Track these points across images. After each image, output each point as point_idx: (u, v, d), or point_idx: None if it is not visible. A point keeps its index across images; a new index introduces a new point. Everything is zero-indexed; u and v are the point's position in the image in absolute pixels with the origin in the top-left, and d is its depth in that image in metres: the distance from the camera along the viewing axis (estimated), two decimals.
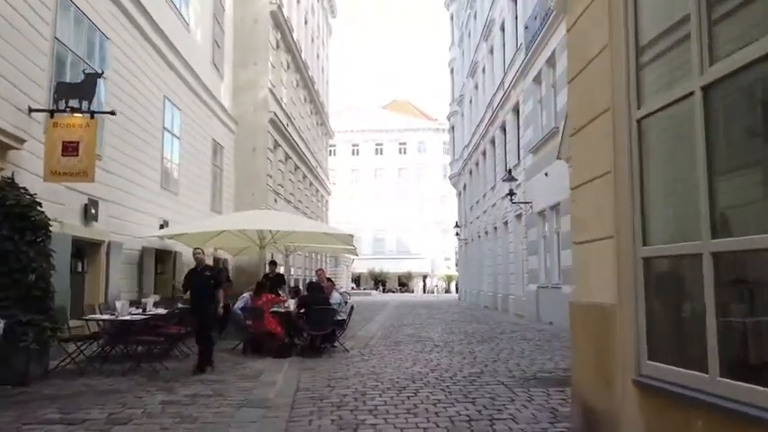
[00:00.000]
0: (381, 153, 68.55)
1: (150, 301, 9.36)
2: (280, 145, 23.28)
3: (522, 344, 11.47)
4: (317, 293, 10.25)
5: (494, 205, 24.66)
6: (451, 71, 38.54)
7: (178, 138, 15.03)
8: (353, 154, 68.74)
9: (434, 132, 68.17)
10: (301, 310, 9.97)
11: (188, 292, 8.80)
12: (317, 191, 34.55)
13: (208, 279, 8.39)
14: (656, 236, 3.51)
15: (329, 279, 12.35)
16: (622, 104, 3.70)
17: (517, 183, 18.04)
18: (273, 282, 12.05)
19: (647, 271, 3.51)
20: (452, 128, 38.58)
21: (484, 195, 27.56)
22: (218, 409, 5.76)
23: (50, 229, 7.61)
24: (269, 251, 18.82)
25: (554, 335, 12.96)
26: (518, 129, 20.65)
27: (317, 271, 13.53)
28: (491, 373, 7.95)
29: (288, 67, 25.32)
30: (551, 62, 15.94)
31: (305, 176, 29.86)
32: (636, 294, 3.55)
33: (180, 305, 10.79)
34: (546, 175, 16.02)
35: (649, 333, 3.46)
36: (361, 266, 62.73)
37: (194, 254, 8.78)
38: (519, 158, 19.93)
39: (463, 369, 8.29)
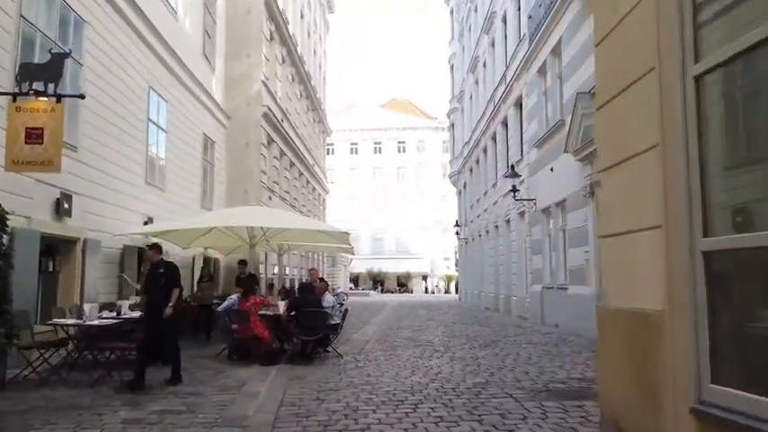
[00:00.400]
0: (380, 152, 67.86)
1: (126, 303, 8.60)
2: (274, 140, 22.53)
3: (527, 349, 10.71)
4: (307, 295, 9.50)
5: (495, 203, 23.91)
6: (451, 67, 37.80)
7: (165, 130, 14.27)
8: (352, 153, 68.05)
9: (434, 131, 67.48)
10: (291, 313, 9.22)
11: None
12: (314, 189, 33.81)
13: (159, 277, 7.29)
14: (721, 224, 2.76)
15: (322, 279, 11.58)
16: (674, 60, 2.95)
17: (520, 179, 17.30)
18: (246, 283, 11.10)
19: (709, 268, 2.75)
20: (452, 125, 37.84)
21: (485, 193, 26.81)
22: (187, 429, 5.01)
23: (8, 223, 6.85)
24: (261, 250, 18.10)
25: (561, 339, 12.21)
26: (521, 123, 19.90)
27: (309, 270, 12.74)
28: (497, 383, 7.19)
29: (283, 61, 24.57)
30: (557, 51, 15.19)
31: (301, 174, 29.11)
32: (694, 298, 2.79)
33: None
34: (551, 170, 15.27)
35: (713, 348, 2.71)
36: (359, 266, 62.02)
37: (147, 250, 7.82)
38: (522, 154, 19.19)
39: (466, 378, 7.54)
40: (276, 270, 22.94)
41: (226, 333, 9.58)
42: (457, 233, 34.18)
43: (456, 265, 66.72)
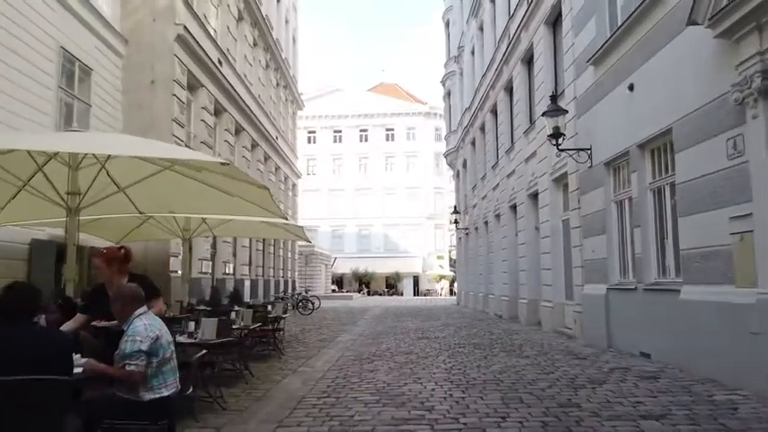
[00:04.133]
0: (366, 140, 61.31)
1: None
2: (203, 85, 16.06)
3: None
4: (21, 323, 2.96)
5: (511, 175, 17.59)
6: (447, 24, 31.46)
7: None
8: (335, 141, 61.58)
9: (425, 117, 61.12)
10: None
11: None
12: (278, 168, 27.30)
13: None
14: None
15: (141, 277, 4.62)
16: None
17: (565, 118, 10.88)
18: None
19: None
20: (448, 94, 31.46)
21: (493, 166, 20.48)
22: None
23: None
24: (172, 238, 11.59)
25: (708, 401, 5.83)
26: (554, 47, 13.64)
27: (94, 256, 5.23)
28: None
29: None
30: None
31: (255, 145, 22.60)
32: None
33: None
34: (630, 89, 8.93)
35: None
36: (343, 266, 55.55)
37: None
38: (558, 88, 12.80)
39: None
40: (211, 268, 16.45)
41: None
42: (455, 222, 27.65)
43: (451, 265, 60.37)
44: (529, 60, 15.76)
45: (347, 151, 60.76)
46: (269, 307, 10.37)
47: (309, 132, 60.98)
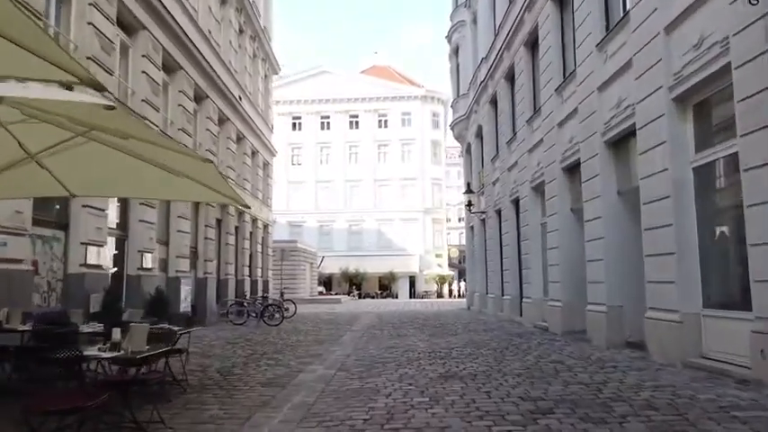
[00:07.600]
0: (357, 126, 55.54)
1: None
2: None
3: None
4: None
5: (565, 122, 11.96)
6: None
7: None
8: (323, 128, 55.73)
9: (422, 101, 55.48)
10: None
11: None
12: (242, 138, 21.44)
13: None
14: None
15: None
16: None
17: None
18: None
19: None
20: (456, 50, 25.70)
21: (530, 119, 14.79)
22: None
23: None
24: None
25: None
26: None
27: None
28: None
29: None
30: None
31: (203, 96, 16.76)
32: None
33: None
34: None
35: None
36: (332, 266, 49.78)
37: None
38: None
39: None
40: (112, 263, 10.62)
41: None
42: (468, 204, 21.70)
43: (450, 264, 54.71)
44: None
45: (336, 139, 54.95)
46: (118, 335, 4.46)
47: (294, 118, 55.36)
